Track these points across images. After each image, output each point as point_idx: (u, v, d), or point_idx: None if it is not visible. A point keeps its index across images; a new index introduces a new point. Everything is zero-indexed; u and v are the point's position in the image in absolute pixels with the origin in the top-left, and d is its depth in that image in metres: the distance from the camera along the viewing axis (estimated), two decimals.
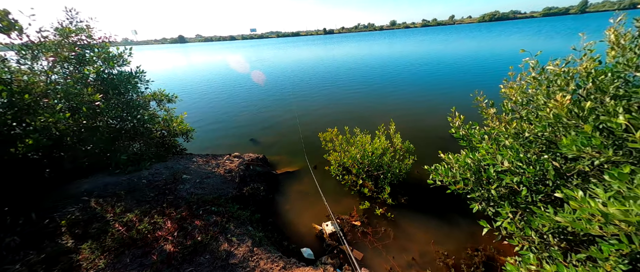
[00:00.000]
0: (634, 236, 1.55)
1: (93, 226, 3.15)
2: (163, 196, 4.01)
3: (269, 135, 8.56)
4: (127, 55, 5.96)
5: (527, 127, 2.85)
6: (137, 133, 5.76)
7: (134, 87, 5.81)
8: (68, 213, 3.37)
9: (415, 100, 11.21)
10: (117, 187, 4.10)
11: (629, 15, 2.34)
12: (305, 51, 45.49)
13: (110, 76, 5.58)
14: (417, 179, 5.36)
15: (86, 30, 5.59)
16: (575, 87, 2.49)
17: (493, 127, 3.26)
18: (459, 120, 3.52)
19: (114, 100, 5.43)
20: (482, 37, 44.39)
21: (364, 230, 4.13)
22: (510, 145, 2.93)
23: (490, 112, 3.50)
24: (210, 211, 3.75)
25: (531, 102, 3.15)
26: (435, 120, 8.59)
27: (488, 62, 19.03)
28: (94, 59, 5.54)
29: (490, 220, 2.83)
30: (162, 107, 6.70)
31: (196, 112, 11.74)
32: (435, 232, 4.03)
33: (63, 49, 5.28)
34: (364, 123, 8.50)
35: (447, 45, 35.90)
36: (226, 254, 2.96)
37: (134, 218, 3.36)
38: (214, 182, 4.78)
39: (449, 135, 3.86)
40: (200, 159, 5.90)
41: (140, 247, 2.93)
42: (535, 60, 2.89)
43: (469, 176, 3.09)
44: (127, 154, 5.18)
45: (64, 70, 5.42)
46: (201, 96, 15.04)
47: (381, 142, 5.16)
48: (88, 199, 3.68)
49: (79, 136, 4.78)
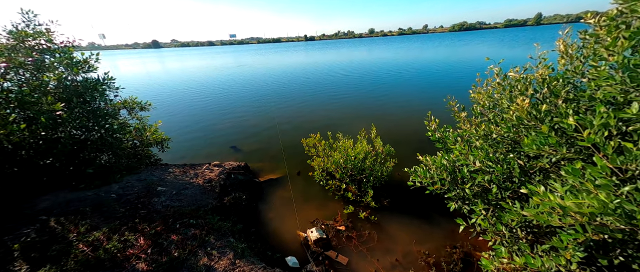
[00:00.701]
0: (587, 226, 1.72)
1: (53, 248, 2.83)
2: (135, 211, 3.74)
3: (251, 142, 8.38)
4: (94, 60, 5.55)
5: (494, 129, 3.08)
6: (105, 144, 5.34)
7: (102, 95, 5.41)
8: (22, 235, 3.01)
9: (394, 105, 11.63)
10: (81, 203, 3.75)
11: (574, 27, 2.65)
12: (286, 57, 45.54)
13: (74, 83, 5.15)
14: (398, 181, 5.52)
15: (46, 33, 5.15)
16: (533, 91, 2.75)
17: (465, 130, 3.48)
18: (434, 124, 3.71)
19: (79, 109, 5.01)
20: (454, 45, 47.55)
21: (349, 234, 4.15)
22: (480, 146, 3.14)
23: (462, 116, 3.74)
24: (188, 223, 3.55)
25: (497, 106, 3.42)
26: (413, 124, 8.96)
27: (459, 69, 20.37)
28: (55, 64, 5.10)
29: (466, 218, 2.98)
30: (134, 116, 6.30)
31: (173, 120, 11.19)
32: (416, 232, 4.16)
33: (18, 54, 4.80)
34: (346, 128, 8.63)
35: (422, 52, 37.91)
36: (206, 269, 2.81)
37: (102, 236, 3.09)
38: (192, 193, 4.56)
39: (426, 138, 4.05)
40: (177, 169, 5.61)
41: (108, 268, 2.69)
42: (499, 67, 3.15)
43: (446, 177, 3.25)
44: (93, 166, 4.78)
45: (18, 76, 4.92)
46: (178, 104, 14.39)
47: (363, 146, 5.27)
48: (47, 219, 3.32)
49: (36, 149, 4.33)
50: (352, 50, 53.28)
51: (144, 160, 6.10)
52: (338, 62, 31.51)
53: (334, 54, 47.60)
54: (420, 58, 29.99)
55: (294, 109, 11.99)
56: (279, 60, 40.69)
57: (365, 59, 33.31)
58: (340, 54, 46.62)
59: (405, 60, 28.50)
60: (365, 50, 50.94)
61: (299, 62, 35.61)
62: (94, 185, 4.31)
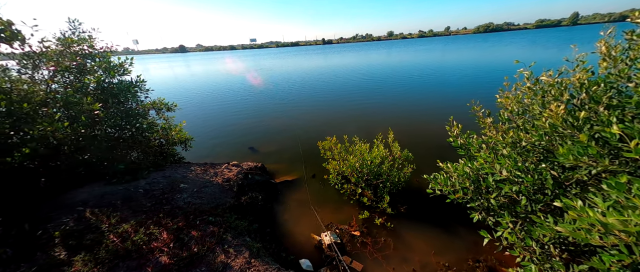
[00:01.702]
0: (634, 247, 1.54)
1: (87, 237, 3.08)
2: (160, 206, 3.96)
3: (268, 143, 8.55)
4: (128, 64, 6.02)
5: (524, 137, 2.88)
6: (136, 142, 5.73)
7: (134, 96, 5.83)
8: (62, 224, 3.30)
9: (413, 109, 11.31)
10: (113, 196, 4.04)
11: (618, 27, 2.42)
12: (304, 61, 46.14)
13: (110, 85, 5.61)
14: (417, 188, 5.33)
15: (88, 40, 5.67)
16: (569, 97, 2.54)
17: (490, 137, 3.29)
18: (456, 130, 3.55)
19: (113, 109, 5.44)
20: (478, 48, 45.38)
21: (364, 240, 4.07)
22: (508, 154, 2.95)
23: (487, 122, 3.54)
24: (208, 221, 3.69)
25: (527, 112, 3.20)
26: (433, 129, 8.65)
27: (484, 72, 19.36)
28: (95, 68, 5.59)
29: (491, 230, 2.80)
30: (161, 116, 6.71)
31: (195, 120, 11.75)
32: (435, 242, 3.98)
33: (64, 59, 5.33)
34: (362, 132, 8.53)
35: (444, 55, 36.61)
36: (223, 266, 2.89)
37: (130, 229, 3.30)
38: (211, 192, 4.73)
39: (447, 144, 3.87)
40: (198, 167, 5.86)
41: (134, 259, 2.86)
42: (530, 70, 2.95)
43: (468, 185, 3.08)
44: (124, 163, 5.14)
45: (64, 79, 5.45)
46: (201, 105, 15.10)
47: (380, 151, 5.17)
48: (83, 209, 3.62)
49: (76, 145, 4.75)
50: (370, 53, 52.76)
51: (169, 158, 6.46)
52: (356, 65, 31.34)
53: (352, 57, 47.43)
54: (442, 61, 28.96)
55: (311, 112, 12.08)
56: (297, 63, 41.32)
57: (383, 62, 32.82)
58: (358, 56, 46.36)
59: (425, 63, 27.67)
60: (384, 53, 50.19)
61: (316, 65, 35.93)
62: (125, 180, 4.63)
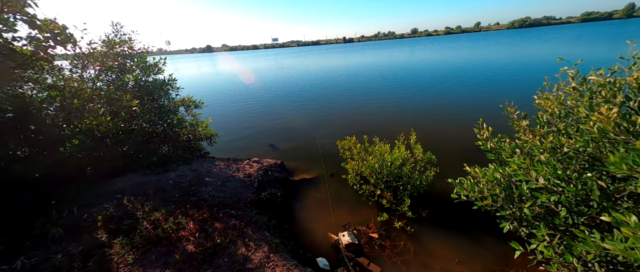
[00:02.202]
0: None
1: (124, 223, 3.38)
2: (187, 197, 4.21)
3: (288, 141, 8.70)
4: (162, 64, 6.47)
5: (566, 142, 2.62)
6: (167, 136, 6.16)
7: (166, 94, 6.26)
8: (104, 209, 3.65)
9: (437, 110, 10.81)
10: (147, 186, 4.38)
11: None
12: (324, 60, 46.17)
13: (146, 83, 6.08)
14: (440, 193, 5.10)
15: (128, 42, 6.18)
16: (623, 99, 2.25)
17: (526, 141, 3.03)
18: (486, 132, 3.32)
19: (148, 106, 5.89)
20: (512, 44, 42.07)
21: (382, 243, 3.99)
22: (546, 160, 2.71)
23: (523, 125, 3.27)
24: (230, 214, 3.86)
25: (570, 115, 2.90)
26: (459, 131, 8.20)
27: (518, 72, 17.90)
28: (133, 67, 6.09)
29: (524, 242, 2.59)
30: (189, 113, 7.12)
31: (219, 116, 12.30)
32: (460, 250, 3.77)
33: (108, 59, 5.87)
34: (383, 132, 8.33)
35: (472, 52, 34.50)
36: (243, 258, 3.01)
37: (160, 217, 3.56)
38: (234, 186, 4.93)
39: (474, 147, 3.65)
40: (221, 162, 6.14)
41: (164, 245, 3.08)
42: (575, 69, 2.67)
43: (499, 192, 2.88)
44: (157, 155, 5.54)
45: (107, 78, 6.00)
46: (224, 102, 15.78)
47: (401, 152, 5.02)
48: (121, 197, 3.97)
49: (117, 138, 5.21)
50: (392, 52, 51.32)
51: (196, 152, 6.84)
52: (377, 64, 30.68)
53: (373, 55, 46.50)
54: (470, 59, 27.30)
55: (331, 111, 12.07)
56: (318, 62, 41.48)
57: (407, 61, 31.74)
58: (380, 55, 45.33)
59: (452, 62, 26.28)
60: (407, 51, 48.52)
61: (337, 64, 35.78)
62: (157, 172, 5.00)
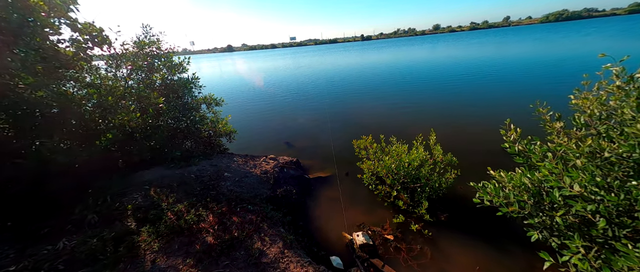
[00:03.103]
0: None
1: (151, 212, 3.61)
2: (207, 191, 4.41)
3: (303, 139, 8.78)
4: (186, 63, 6.80)
5: (607, 146, 2.38)
6: (190, 132, 6.47)
7: (190, 92, 6.58)
8: (133, 199, 3.93)
9: (459, 110, 10.31)
10: (171, 179, 4.64)
11: None
12: (342, 58, 45.83)
13: (171, 82, 6.42)
14: (460, 196, 4.88)
15: (156, 42, 6.56)
16: None
17: (560, 144, 2.80)
18: (514, 134, 3.11)
19: (173, 103, 6.22)
20: (546, 39, 38.94)
21: (397, 245, 3.90)
22: (582, 166, 2.48)
23: (557, 126, 3.02)
24: (247, 209, 3.98)
25: (613, 116, 2.63)
26: (482, 132, 7.77)
27: (552, 70, 16.55)
28: (160, 67, 6.46)
29: (554, 253, 2.41)
30: (210, 110, 7.43)
31: (237, 114, 12.69)
32: (481, 257, 3.59)
33: (138, 59, 6.27)
34: (401, 132, 8.11)
35: (499, 48, 32.44)
36: (259, 252, 3.09)
37: (183, 209, 3.76)
38: (251, 182, 5.07)
39: (499, 150, 3.42)
40: (240, 158, 6.34)
41: (186, 236, 3.25)
42: (621, 66, 2.42)
43: (526, 198, 2.69)
44: (180, 150, 5.85)
45: (138, 76, 6.42)
46: (242, 100, 16.25)
47: (419, 153, 4.86)
48: (149, 188, 4.24)
49: (145, 133, 5.57)
50: (413, 49, 49.69)
51: (216, 148, 7.12)
52: (396, 63, 29.89)
53: (393, 53, 45.36)
54: (497, 56, 25.69)
55: (348, 110, 11.98)
56: (335, 61, 41.29)
57: (427, 59, 30.60)
58: (398, 53, 44.13)
59: (476, 59, 24.91)
60: (429, 49, 46.73)
61: (354, 62, 35.38)
62: (180, 166, 5.28)
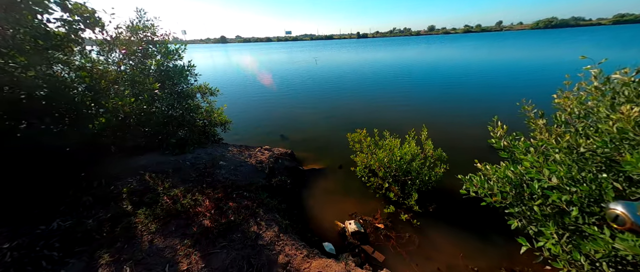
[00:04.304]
0: None
1: (147, 196, 3.63)
2: (203, 178, 4.44)
3: (298, 132, 8.84)
4: (181, 51, 6.70)
5: (583, 142, 2.59)
6: (184, 120, 6.42)
7: (185, 79, 6.50)
8: (128, 183, 3.92)
9: (451, 108, 10.62)
10: (166, 165, 4.64)
11: None
12: (337, 54, 45.76)
13: (166, 68, 6.33)
14: (448, 189, 5.11)
15: (151, 28, 6.42)
16: None
17: (541, 140, 3.00)
18: (501, 130, 3.30)
19: (168, 90, 6.14)
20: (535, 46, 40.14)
21: (388, 234, 4.08)
22: (561, 160, 2.69)
23: (540, 123, 3.23)
24: (243, 195, 4.05)
25: (591, 115, 2.85)
26: (472, 130, 8.06)
27: (539, 71, 17.18)
28: (154, 53, 6.34)
29: (531, 239, 2.61)
30: (205, 99, 7.37)
31: (232, 105, 12.58)
32: (465, 245, 3.81)
33: (132, 44, 6.13)
34: (394, 127, 8.29)
35: (492, 51, 33.25)
36: (255, 235, 3.18)
37: (179, 193, 3.79)
38: (246, 171, 5.13)
39: (486, 145, 3.63)
40: (234, 148, 6.36)
41: (183, 219, 3.30)
42: (599, 68, 2.61)
43: (509, 190, 2.89)
44: (175, 138, 5.81)
45: (131, 62, 6.29)
46: (237, 91, 16.08)
47: (411, 147, 5.03)
48: (144, 173, 4.23)
49: (139, 119, 5.50)
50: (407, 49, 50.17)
51: (210, 137, 7.10)
52: (391, 61, 30.16)
53: (388, 52, 45.65)
54: (490, 58, 26.33)
55: (342, 105, 12.09)
56: (331, 57, 41.19)
57: (422, 58, 31.02)
58: (394, 52, 44.46)
59: (469, 60, 25.46)
60: (423, 49, 47.29)
61: (350, 59, 35.44)
62: (175, 153, 5.26)
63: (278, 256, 2.95)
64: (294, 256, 2.99)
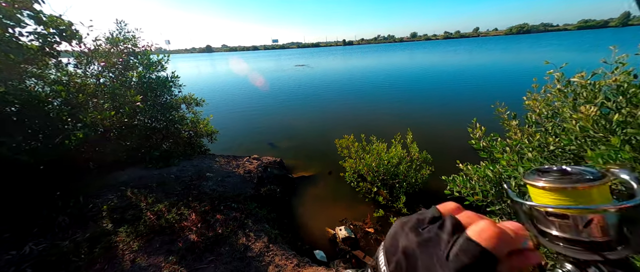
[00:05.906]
0: None
1: (129, 213, 3.48)
2: (189, 191, 4.32)
3: (287, 140, 8.82)
4: (165, 62, 6.59)
5: (552, 140, 2.77)
6: (168, 132, 6.27)
7: (169, 91, 6.38)
8: (108, 200, 3.75)
9: (434, 112, 11.01)
10: (149, 180, 4.48)
11: None
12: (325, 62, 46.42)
13: (149, 80, 6.19)
14: (434, 190, 5.25)
15: (132, 39, 6.30)
16: (605, 99, 2.41)
17: (515, 140, 3.19)
18: (479, 132, 3.47)
19: (151, 102, 5.99)
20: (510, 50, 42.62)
21: (378, 238, 4.12)
22: (533, 158, 2.86)
23: (513, 124, 3.43)
24: (231, 207, 3.97)
25: (557, 115, 3.06)
26: (455, 132, 8.37)
27: (513, 74, 18.24)
28: (136, 64, 6.20)
29: None
30: (190, 110, 7.24)
31: (218, 115, 12.38)
32: None
33: (112, 56, 5.98)
34: (380, 132, 8.47)
35: (471, 56, 34.93)
36: (244, 247, 3.12)
37: (163, 208, 3.67)
38: (234, 181, 5.04)
39: (468, 146, 3.77)
40: (222, 159, 6.24)
41: (168, 234, 3.19)
42: (561, 72, 2.83)
43: (489, 188, 3.03)
44: (159, 150, 5.64)
45: (111, 74, 6.11)
46: (223, 101, 15.89)
47: (397, 151, 5.16)
48: (125, 189, 4.07)
49: (120, 132, 5.32)
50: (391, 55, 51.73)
51: (196, 149, 6.95)
52: (376, 67, 30.96)
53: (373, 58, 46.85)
54: (468, 63, 27.66)
55: (329, 112, 12.23)
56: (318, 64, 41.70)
57: (406, 64, 32.09)
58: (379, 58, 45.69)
59: (450, 65, 26.61)
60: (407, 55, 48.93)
61: (337, 66, 36.04)
62: (159, 166, 5.10)
63: (268, 267, 2.90)
64: (284, 266, 2.95)
